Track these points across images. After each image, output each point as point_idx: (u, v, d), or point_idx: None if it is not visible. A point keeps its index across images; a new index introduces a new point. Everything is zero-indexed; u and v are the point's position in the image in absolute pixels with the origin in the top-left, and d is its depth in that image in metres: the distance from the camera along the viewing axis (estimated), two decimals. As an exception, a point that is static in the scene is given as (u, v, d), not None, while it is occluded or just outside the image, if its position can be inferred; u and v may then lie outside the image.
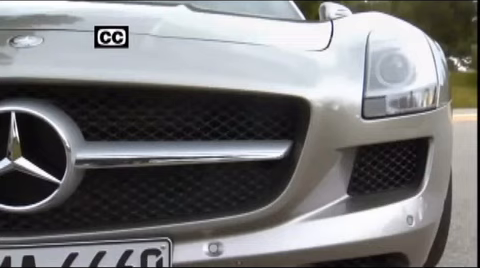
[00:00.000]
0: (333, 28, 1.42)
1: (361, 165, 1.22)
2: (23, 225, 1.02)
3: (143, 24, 1.18)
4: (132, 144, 1.04)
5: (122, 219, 1.05)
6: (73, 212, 1.04)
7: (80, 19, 1.22)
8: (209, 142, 1.07)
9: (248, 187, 1.11)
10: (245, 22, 1.54)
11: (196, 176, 1.09)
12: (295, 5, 2.73)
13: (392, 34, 1.37)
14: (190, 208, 1.08)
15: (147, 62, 1.05)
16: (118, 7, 1.45)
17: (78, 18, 1.23)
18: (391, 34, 1.37)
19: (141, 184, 1.07)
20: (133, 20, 1.23)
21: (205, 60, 1.10)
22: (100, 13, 1.31)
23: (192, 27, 1.28)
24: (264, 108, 1.09)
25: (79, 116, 1.01)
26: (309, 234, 1.13)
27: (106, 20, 1.18)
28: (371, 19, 1.55)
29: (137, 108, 1.04)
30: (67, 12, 1.27)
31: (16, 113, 0.94)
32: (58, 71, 0.99)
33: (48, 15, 1.24)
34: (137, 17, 1.30)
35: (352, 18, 1.70)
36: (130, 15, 1.33)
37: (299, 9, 2.69)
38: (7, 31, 1.07)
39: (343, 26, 1.46)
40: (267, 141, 1.10)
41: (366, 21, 1.52)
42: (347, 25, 1.50)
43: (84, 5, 1.40)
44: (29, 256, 0.96)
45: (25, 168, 0.96)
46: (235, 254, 1.06)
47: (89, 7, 1.40)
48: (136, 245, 1.00)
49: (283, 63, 1.16)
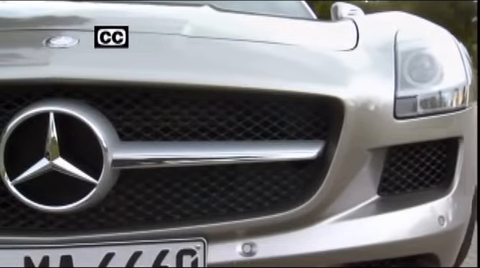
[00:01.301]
0: (357, 28, 1.41)
1: (391, 165, 1.21)
2: (59, 225, 1.02)
3: (174, 25, 1.19)
4: (166, 144, 1.04)
5: (156, 219, 1.05)
6: (108, 212, 1.04)
7: (114, 20, 1.22)
8: (242, 142, 1.07)
9: (281, 187, 1.10)
10: (270, 22, 1.54)
11: (229, 176, 1.09)
12: (307, 5, 2.73)
13: (419, 33, 1.37)
14: (223, 208, 1.08)
15: (180, 62, 1.05)
16: (147, 8, 1.45)
17: (112, 19, 1.23)
18: (418, 33, 1.37)
19: (175, 184, 1.06)
20: (164, 21, 1.24)
21: (237, 60, 1.10)
22: (131, 14, 1.31)
23: (221, 27, 1.28)
24: (297, 108, 1.09)
25: (114, 116, 1.02)
26: (341, 235, 1.12)
27: (137, 21, 1.18)
28: (395, 18, 1.54)
29: (171, 108, 1.04)
30: (101, 13, 1.28)
31: (54, 113, 0.94)
32: (94, 71, 0.99)
33: (83, 16, 1.25)
34: (167, 18, 1.30)
35: (375, 17, 1.70)
36: (160, 16, 1.33)
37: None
38: (43, 31, 1.08)
39: (368, 26, 1.45)
40: (300, 141, 1.09)
41: (391, 20, 1.51)
42: (372, 25, 1.49)
43: (115, 7, 1.40)
44: (67, 256, 0.96)
45: (63, 168, 0.96)
46: (269, 254, 1.06)
47: (120, 9, 1.40)
48: (172, 245, 1.00)
49: (314, 63, 1.16)
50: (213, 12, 1.42)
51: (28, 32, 1.12)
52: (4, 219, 1.02)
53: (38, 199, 0.97)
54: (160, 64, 1.03)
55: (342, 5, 2.60)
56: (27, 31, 1.13)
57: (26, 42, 1.06)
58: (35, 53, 1.01)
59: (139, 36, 1.11)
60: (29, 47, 1.04)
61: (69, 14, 1.26)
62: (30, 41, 1.06)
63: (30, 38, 1.07)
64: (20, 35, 1.11)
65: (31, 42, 1.05)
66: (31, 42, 1.05)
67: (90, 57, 1.02)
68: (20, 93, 0.99)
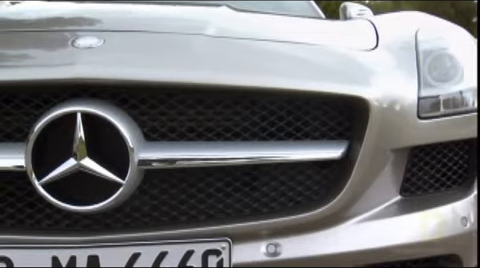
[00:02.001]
0: (375, 27, 1.41)
1: (413, 166, 1.21)
2: (85, 225, 1.02)
3: (196, 25, 1.19)
4: (191, 144, 1.04)
5: (181, 219, 1.05)
6: (133, 212, 1.04)
7: (138, 21, 1.23)
8: (266, 143, 1.07)
9: (304, 188, 1.10)
10: (288, 21, 1.54)
11: (253, 176, 1.09)
12: (315, 5, 2.73)
13: (438, 33, 1.36)
14: (247, 208, 1.08)
15: (205, 62, 1.05)
16: (167, 9, 1.46)
17: (136, 20, 1.24)
18: (438, 33, 1.36)
19: (199, 184, 1.07)
20: (186, 22, 1.24)
21: (262, 60, 1.10)
22: (153, 15, 1.32)
23: (243, 27, 1.29)
24: (320, 108, 1.09)
25: (139, 116, 1.02)
26: (365, 235, 1.12)
27: (161, 22, 1.19)
28: (414, 18, 1.54)
29: (196, 108, 1.04)
30: (125, 14, 1.28)
31: (81, 113, 0.95)
32: (119, 72, 0.99)
33: (107, 16, 1.25)
34: (189, 18, 1.30)
35: (392, 17, 1.69)
36: (182, 17, 1.33)
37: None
38: (68, 32, 1.09)
39: (386, 25, 1.45)
40: (324, 141, 1.09)
41: (409, 20, 1.50)
42: (390, 24, 1.49)
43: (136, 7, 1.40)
44: (94, 256, 0.97)
45: (90, 168, 0.96)
46: (293, 255, 1.06)
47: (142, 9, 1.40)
48: (197, 245, 1.00)
49: (337, 63, 1.16)
50: (232, 12, 1.42)
51: (53, 33, 1.12)
52: (30, 219, 1.03)
53: (65, 199, 0.98)
54: (185, 64, 1.04)
55: (351, 5, 2.60)
56: (52, 32, 1.14)
57: (52, 43, 1.07)
58: (61, 54, 1.02)
59: (164, 36, 1.12)
60: (55, 48, 1.04)
61: (93, 15, 1.26)
62: (56, 42, 1.06)
63: (56, 39, 1.08)
64: (46, 36, 1.11)
65: (57, 43, 1.06)
66: (57, 43, 1.06)
67: (116, 57, 1.03)
68: (47, 93, 0.99)
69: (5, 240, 0.98)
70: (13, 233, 0.99)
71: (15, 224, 1.02)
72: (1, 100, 1.00)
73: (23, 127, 1.01)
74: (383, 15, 1.86)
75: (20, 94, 0.99)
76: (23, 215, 1.02)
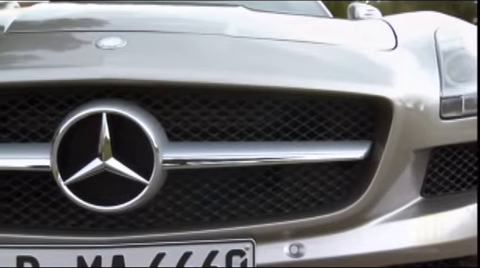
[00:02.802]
0: (392, 27, 1.41)
1: (434, 166, 1.20)
2: (109, 225, 1.03)
3: (217, 26, 1.19)
4: (214, 145, 1.04)
5: (204, 219, 1.05)
6: (156, 212, 1.04)
7: (159, 21, 1.23)
8: (289, 143, 1.07)
9: (326, 188, 1.10)
10: (306, 21, 1.53)
11: (275, 177, 1.09)
12: (323, 5, 2.73)
13: (457, 33, 1.35)
14: (270, 209, 1.08)
15: (227, 62, 1.05)
16: (187, 9, 1.46)
17: (157, 20, 1.24)
18: (456, 33, 1.35)
19: (222, 184, 1.07)
20: (206, 22, 1.24)
21: (283, 60, 1.10)
22: (174, 15, 1.32)
23: (263, 27, 1.28)
24: (343, 109, 1.09)
25: (163, 117, 1.02)
26: (387, 236, 1.12)
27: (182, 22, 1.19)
28: (430, 18, 1.53)
29: (219, 108, 1.04)
30: (146, 14, 1.28)
31: (107, 114, 0.95)
32: (144, 72, 1.00)
33: (129, 17, 1.25)
34: (208, 19, 1.30)
35: (407, 17, 1.69)
36: (201, 17, 1.33)
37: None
38: (92, 33, 1.09)
39: (403, 25, 1.44)
40: (346, 142, 1.09)
41: (426, 20, 1.50)
42: (407, 24, 1.48)
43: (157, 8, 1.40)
44: (119, 256, 0.97)
45: (115, 169, 0.96)
46: (316, 256, 1.06)
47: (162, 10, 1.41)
48: (221, 246, 1.00)
49: (359, 63, 1.15)
50: (250, 12, 1.42)
51: (77, 33, 1.13)
52: (54, 219, 1.03)
53: (89, 199, 0.98)
54: (208, 64, 1.04)
55: (359, 5, 2.60)
56: (76, 32, 1.14)
57: (76, 43, 1.07)
58: (86, 54, 1.02)
59: (186, 37, 1.12)
60: (79, 48, 1.05)
61: (115, 16, 1.26)
62: (80, 42, 1.07)
63: (79, 39, 1.08)
64: (69, 37, 1.12)
65: (81, 43, 1.06)
66: (81, 43, 1.06)
67: (140, 58, 1.03)
68: (72, 94, 0.99)
69: (30, 240, 0.98)
70: (38, 233, 1.00)
71: (39, 224, 1.03)
72: (26, 101, 1.00)
73: (48, 127, 1.01)
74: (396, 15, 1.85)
75: (45, 95, 1.00)
76: (47, 215, 1.03)
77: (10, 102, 1.00)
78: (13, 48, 1.06)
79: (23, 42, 1.09)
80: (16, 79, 0.98)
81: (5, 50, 1.04)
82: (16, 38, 1.09)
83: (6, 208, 1.02)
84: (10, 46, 1.06)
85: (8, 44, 1.06)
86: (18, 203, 1.03)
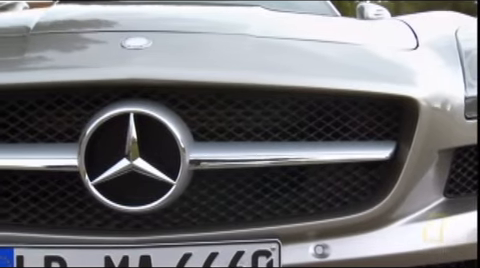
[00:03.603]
0: (411, 27, 1.40)
1: (457, 167, 1.20)
2: (134, 225, 1.03)
3: (239, 26, 1.19)
4: (240, 145, 1.04)
5: (229, 220, 1.05)
6: (182, 212, 1.04)
7: (182, 21, 1.23)
8: (314, 143, 1.07)
9: (351, 189, 1.10)
10: (326, 21, 1.53)
11: (300, 177, 1.08)
12: (332, 5, 2.72)
13: (475, 32, 1.35)
14: (294, 209, 1.08)
15: (252, 62, 1.05)
16: (207, 9, 1.46)
17: (180, 20, 1.25)
18: (475, 32, 1.35)
19: (247, 185, 1.07)
20: (228, 22, 1.24)
21: (308, 60, 1.10)
22: (196, 15, 1.32)
23: (285, 27, 1.29)
24: (368, 108, 1.08)
25: (189, 117, 1.02)
26: (411, 237, 1.11)
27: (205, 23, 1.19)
28: (449, 17, 1.53)
29: (245, 109, 1.04)
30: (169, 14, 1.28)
31: (134, 114, 0.95)
32: (170, 72, 1.00)
33: (154, 18, 1.26)
34: (230, 19, 1.30)
35: (424, 17, 1.68)
36: (223, 17, 1.33)
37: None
38: (117, 33, 1.09)
39: (422, 25, 1.44)
40: (371, 142, 1.09)
41: (445, 20, 1.50)
42: (426, 24, 1.48)
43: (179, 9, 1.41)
44: (146, 256, 0.97)
45: (142, 169, 0.97)
46: (342, 256, 1.05)
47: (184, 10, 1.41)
48: (247, 246, 1.00)
49: (383, 62, 1.15)
50: (270, 12, 1.42)
51: (102, 34, 1.13)
52: (80, 219, 1.03)
53: (116, 199, 0.98)
54: (233, 65, 1.04)
55: (368, 5, 2.60)
56: (101, 33, 1.14)
57: (102, 44, 1.08)
58: (112, 55, 1.02)
59: (210, 37, 1.12)
60: (105, 49, 1.05)
61: (138, 16, 1.27)
62: (105, 43, 1.07)
63: (105, 40, 1.08)
64: (95, 37, 1.12)
65: (106, 44, 1.07)
66: (106, 44, 1.07)
67: (166, 58, 1.03)
68: (99, 94, 1.00)
69: (57, 240, 0.99)
70: (65, 233, 1.00)
71: (65, 224, 1.03)
72: (53, 101, 1.00)
73: (74, 128, 1.01)
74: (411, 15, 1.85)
75: (72, 95, 1.00)
76: (73, 215, 1.03)
77: (37, 102, 1.01)
78: (39, 49, 1.07)
79: (49, 43, 1.09)
80: (43, 79, 0.99)
81: (31, 51, 1.05)
82: (41, 39, 1.09)
83: (33, 208, 1.03)
84: (36, 47, 1.06)
85: (34, 45, 1.06)
86: (44, 203, 1.03)
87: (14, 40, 1.10)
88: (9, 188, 1.03)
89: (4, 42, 1.11)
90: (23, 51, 1.04)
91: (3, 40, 1.13)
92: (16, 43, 1.07)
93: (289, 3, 2.41)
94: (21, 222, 1.03)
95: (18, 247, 0.96)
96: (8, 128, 1.01)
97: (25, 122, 1.01)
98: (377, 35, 1.38)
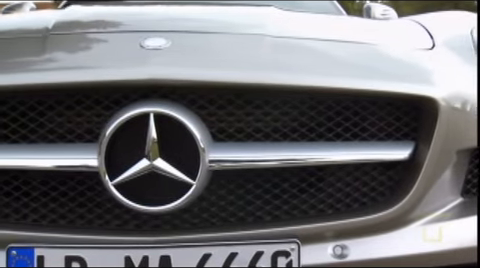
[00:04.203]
0: (425, 27, 1.40)
1: (475, 167, 1.19)
2: (153, 225, 1.03)
3: (257, 25, 1.19)
4: (259, 145, 1.04)
5: (247, 220, 1.05)
6: (200, 213, 1.04)
7: (200, 21, 1.23)
8: (332, 143, 1.06)
9: (369, 189, 1.09)
10: (341, 21, 1.53)
11: (318, 177, 1.08)
12: (339, 5, 2.72)
13: None
14: (313, 210, 1.07)
15: (271, 63, 1.05)
16: (222, 10, 1.46)
17: (198, 20, 1.25)
18: None
19: (265, 185, 1.06)
20: (246, 22, 1.24)
21: (326, 60, 1.10)
22: (212, 16, 1.32)
23: (301, 27, 1.28)
24: (386, 109, 1.08)
25: (208, 117, 1.02)
26: (430, 238, 1.10)
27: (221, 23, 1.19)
28: (463, 17, 1.52)
29: (263, 109, 1.04)
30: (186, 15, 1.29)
31: (154, 114, 0.95)
32: (189, 72, 1.00)
33: (172, 18, 1.26)
34: (246, 19, 1.30)
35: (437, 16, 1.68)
36: (239, 17, 1.33)
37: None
38: (135, 33, 1.09)
39: (437, 25, 1.43)
40: (389, 142, 1.08)
41: (459, 19, 1.49)
42: (440, 24, 1.47)
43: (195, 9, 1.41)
44: (166, 256, 0.97)
45: (162, 169, 0.97)
46: (361, 257, 1.05)
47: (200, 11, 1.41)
48: (267, 246, 1.00)
49: (401, 62, 1.15)
50: (284, 12, 1.42)
51: (121, 34, 1.13)
52: (99, 219, 1.03)
53: (135, 200, 0.98)
54: (252, 65, 1.04)
55: (375, 5, 2.59)
56: (119, 33, 1.15)
57: (120, 44, 1.08)
58: (131, 55, 1.02)
59: (228, 37, 1.12)
60: (124, 49, 1.05)
61: (157, 17, 1.27)
62: (125, 43, 1.07)
63: (124, 40, 1.08)
64: (113, 37, 1.12)
65: (126, 44, 1.07)
66: (126, 44, 1.07)
67: (185, 58, 1.03)
68: (118, 94, 1.00)
69: (77, 240, 0.99)
70: (85, 233, 1.00)
71: (84, 224, 1.03)
72: (73, 101, 1.01)
73: (93, 128, 1.02)
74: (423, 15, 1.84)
75: (91, 95, 1.00)
76: (92, 215, 1.03)
77: (56, 103, 1.01)
78: (58, 49, 1.07)
79: (68, 43, 1.10)
80: (62, 80, 0.99)
81: (50, 51, 1.05)
82: (60, 39, 1.10)
83: (52, 208, 1.03)
84: (55, 47, 1.07)
85: (53, 45, 1.07)
86: (64, 203, 1.03)
87: (33, 41, 1.10)
88: (28, 188, 1.03)
89: (23, 43, 1.12)
90: (42, 52, 1.04)
91: (22, 41, 1.13)
92: (35, 44, 1.08)
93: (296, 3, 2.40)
94: (41, 222, 1.03)
95: (39, 247, 0.96)
96: (28, 128, 1.01)
97: (44, 122, 1.02)
98: (393, 35, 1.37)
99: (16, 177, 1.03)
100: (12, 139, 1.01)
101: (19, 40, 1.14)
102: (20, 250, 0.96)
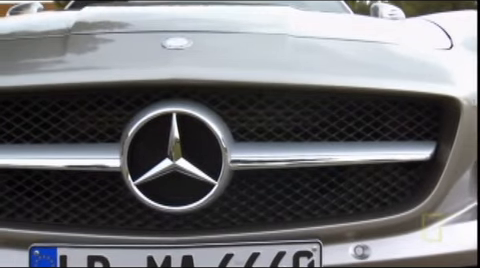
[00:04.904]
0: (442, 27, 1.39)
1: None
2: (175, 225, 1.03)
3: (277, 25, 1.19)
4: (280, 145, 1.04)
5: (268, 220, 1.05)
6: (221, 213, 1.04)
7: (220, 21, 1.23)
8: (354, 143, 1.06)
9: (390, 189, 1.09)
10: (359, 21, 1.53)
11: (339, 177, 1.08)
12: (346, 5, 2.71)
13: None
14: (333, 210, 1.07)
15: (293, 62, 1.05)
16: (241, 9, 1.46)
17: (218, 20, 1.25)
18: None
19: (286, 185, 1.06)
20: (266, 22, 1.24)
21: (347, 60, 1.09)
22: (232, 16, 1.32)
23: (321, 27, 1.28)
24: (407, 108, 1.07)
25: (229, 117, 1.02)
26: (451, 238, 1.10)
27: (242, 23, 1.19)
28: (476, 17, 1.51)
29: (285, 109, 1.04)
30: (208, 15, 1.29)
31: (176, 114, 0.95)
32: (212, 72, 1.00)
33: (193, 18, 1.26)
34: (266, 19, 1.30)
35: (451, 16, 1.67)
36: (259, 17, 1.33)
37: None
38: (157, 33, 1.09)
39: (453, 24, 1.42)
40: (411, 142, 1.08)
41: (473, 18, 1.48)
42: (456, 23, 1.46)
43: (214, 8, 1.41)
44: (188, 256, 0.97)
45: (185, 169, 0.97)
46: (382, 257, 1.05)
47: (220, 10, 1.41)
48: (289, 247, 0.99)
49: (422, 62, 1.14)
50: (301, 12, 1.42)
51: (142, 34, 1.13)
52: (120, 219, 1.03)
53: (157, 200, 0.98)
54: (273, 65, 1.03)
55: (382, 5, 2.58)
56: (140, 33, 1.15)
57: (142, 44, 1.08)
58: (152, 55, 1.02)
59: (249, 37, 1.12)
60: (145, 49, 1.05)
61: (177, 17, 1.27)
62: (146, 43, 1.07)
63: (145, 40, 1.09)
64: (134, 37, 1.12)
65: (147, 44, 1.07)
66: (147, 44, 1.07)
67: (207, 58, 1.03)
68: (140, 94, 1.00)
69: (99, 240, 0.99)
70: (107, 233, 1.00)
71: (106, 224, 1.03)
72: (94, 102, 1.01)
73: (115, 128, 1.02)
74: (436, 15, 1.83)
75: (113, 95, 1.00)
76: (114, 215, 1.03)
77: (78, 103, 1.01)
78: (79, 49, 1.07)
79: (89, 43, 1.10)
80: (84, 80, 0.99)
81: (72, 51, 1.05)
82: (81, 39, 1.10)
83: (74, 208, 1.03)
84: (76, 47, 1.07)
85: (74, 45, 1.07)
86: (85, 203, 1.03)
87: (54, 41, 1.10)
88: (50, 188, 1.03)
89: (44, 43, 1.12)
90: (64, 52, 1.04)
91: (43, 41, 1.13)
92: (56, 44, 1.08)
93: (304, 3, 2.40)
94: (62, 222, 1.03)
95: (61, 247, 0.97)
96: (50, 128, 1.01)
97: (66, 122, 1.02)
98: (411, 35, 1.37)
99: (38, 177, 1.03)
100: (34, 139, 1.02)
101: (40, 40, 1.15)
102: (43, 250, 0.97)
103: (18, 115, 1.01)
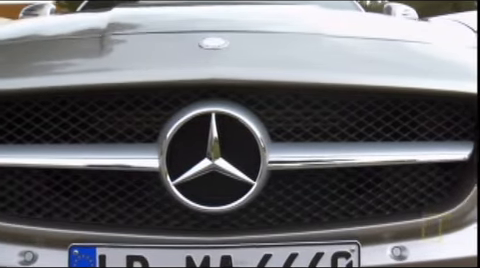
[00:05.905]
0: (469, 26, 1.38)
1: None
2: (211, 225, 1.03)
3: (309, 25, 1.18)
4: (318, 145, 1.03)
5: (304, 221, 1.05)
6: (258, 213, 1.04)
7: (256, 21, 1.23)
8: (391, 143, 1.05)
9: (427, 190, 1.08)
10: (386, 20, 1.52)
11: (375, 178, 1.07)
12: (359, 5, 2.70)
13: None
14: (370, 210, 1.06)
15: (330, 62, 1.05)
16: (270, 9, 1.46)
17: (254, 20, 1.25)
18: None
19: (322, 185, 1.06)
20: (297, 21, 1.24)
21: (384, 59, 1.09)
22: (263, 16, 1.32)
23: (351, 26, 1.28)
24: (444, 108, 1.06)
25: (266, 117, 1.02)
26: None
27: (274, 23, 1.19)
28: None
29: (322, 109, 1.04)
30: (242, 15, 1.29)
31: (215, 114, 0.95)
32: (249, 72, 1.00)
33: (228, 18, 1.26)
34: (297, 18, 1.30)
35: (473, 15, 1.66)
36: (290, 17, 1.33)
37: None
38: (193, 33, 1.09)
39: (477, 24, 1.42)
40: (448, 142, 1.07)
41: None
42: None
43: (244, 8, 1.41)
44: (226, 256, 0.96)
45: (224, 169, 0.97)
46: (420, 258, 1.04)
47: (251, 10, 1.41)
48: (327, 247, 0.99)
49: (457, 61, 1.13)
50: (329, 11, 1.41)
51: (178, 34, 1.14)
52: (157, 219, 1.03)
53: (195, 200, 0.98)
54: (310, 64, 1.03)
55: (395, 5, 2.57)
56: (176, 33, 1.15)
57: (178, 44, 1.08)
58: (190, 55, 1.02)
59: (284, 36, 1.12)
60: (183, 49, 1.05)
61: (211, 17, 1.27)
62: (182, 43, 1.07)
63: (181, 40, 1.09)
64: (171, 38, 1.13)
65: (184, 44, 1.07)
66: (184, 44, 1.07)
67: (244, 58, 1.03)
68: (177, 94, 1.00)
69: (137, 239, 0.99)
70: (145, 233, 1.00)
71: (143, 224, 1.03)
72: (132, 102, 1.01)
73: (153, 128, 1.02)
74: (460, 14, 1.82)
75: (150, 96, 1.01)
76: (150, 215, 1.03)
77: (116, 103, 1.01)
78: (116, 50, 1.08)
79: (125, 44, 1.11)
80: (122, 80, 0.99)
81: (108, 52, 1.06)
82: (118, 40, 1.10)
83: (111, 208, 1.03)
84: (113, 48, 1.07)
85: (111, 46, 1.07)
86: (122, 203, 1.04)
87: (90, 42, 1.11)
88: (87, 188, 1.04)
89: (80, 44, 1.13)
90: (100, 52, 1.05)
91: (79, 42, 1.14)
92: (92, 45, 1.08)
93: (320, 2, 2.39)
94: (100, 222, 1.04)
95: (100, 246, 0.97)
96: (88, 128, 1.02)
97: (104, 122, 1.02)
98: (442, 34, 1.36)
99: (75, 177, 1.04)
100: (72, 139, 1.02)
101: (76, 41, 1.15)
102: (82, 249, 0.97)
103: (56, 115, 1.01)
